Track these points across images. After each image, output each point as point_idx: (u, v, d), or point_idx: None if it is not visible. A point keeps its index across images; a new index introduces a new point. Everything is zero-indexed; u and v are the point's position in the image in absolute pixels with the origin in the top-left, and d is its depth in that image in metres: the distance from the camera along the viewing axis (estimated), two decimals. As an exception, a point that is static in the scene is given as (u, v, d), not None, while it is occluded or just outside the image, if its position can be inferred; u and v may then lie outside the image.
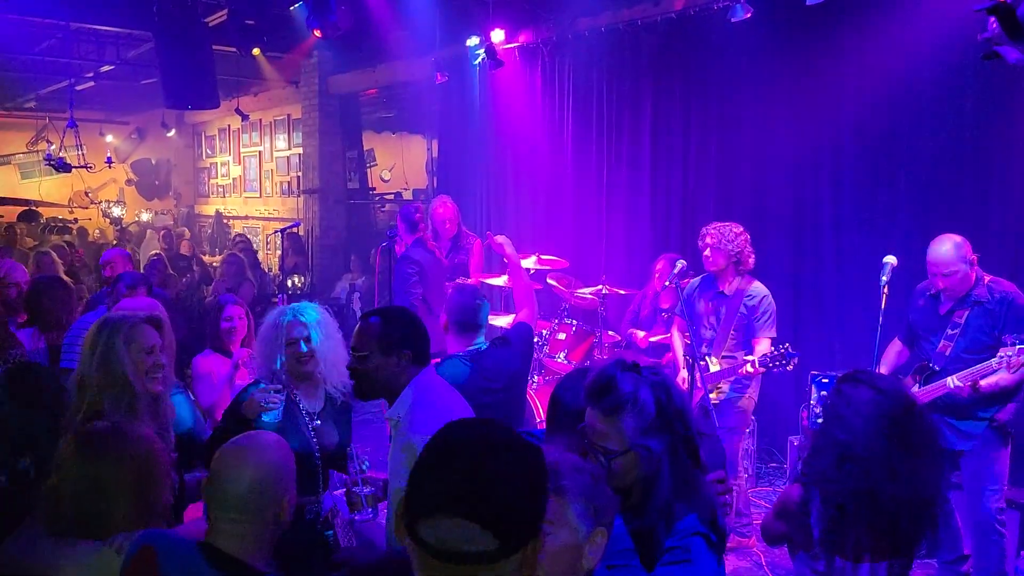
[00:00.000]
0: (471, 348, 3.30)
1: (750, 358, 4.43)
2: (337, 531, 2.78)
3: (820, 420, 2.29)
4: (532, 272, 6.50)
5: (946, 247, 3.87)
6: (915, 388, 3.85)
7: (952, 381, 3.77)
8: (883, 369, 4.21)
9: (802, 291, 6.01)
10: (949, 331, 3.88)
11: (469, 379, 3.18)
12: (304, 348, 2.97)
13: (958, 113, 5.13)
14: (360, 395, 2.65)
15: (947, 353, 3.87)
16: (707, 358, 4.56)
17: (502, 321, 5.62)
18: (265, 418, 2.83)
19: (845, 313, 5.70)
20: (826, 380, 2.63)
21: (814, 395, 2.59)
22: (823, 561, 2.24)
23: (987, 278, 3.91)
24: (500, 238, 4.12)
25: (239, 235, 12.18)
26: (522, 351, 3.51)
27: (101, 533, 1.94)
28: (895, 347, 4.29)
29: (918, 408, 2.26)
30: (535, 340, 4.72)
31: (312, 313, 3.05)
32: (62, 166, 10.05)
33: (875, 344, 3.98)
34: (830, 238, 5.86)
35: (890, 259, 4.06)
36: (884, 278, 3.98)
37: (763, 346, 4.51)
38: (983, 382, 3.69)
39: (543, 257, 6.48)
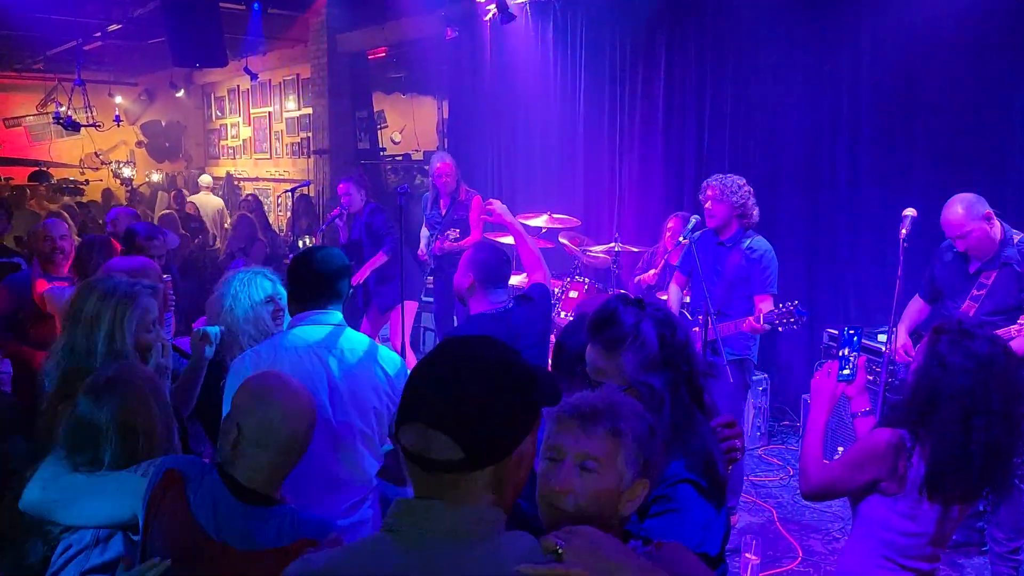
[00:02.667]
0: (498, 307, 3.23)
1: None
2: None
3: (931, 369, 2.27)
4: (544, 231, 6.45)
5: (956, 208, 3.77)
6: None
7: None
8: (902, 327, 4.14)
9: (817, 249, 5.93)
10: (975, 292, 3.79)
11: (500, 338, 3.13)
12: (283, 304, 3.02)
13: (979, 65, 4.98)
14: None
15: (971, 313, 3.79)
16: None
17: (514, 280, 5.58)
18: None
19: (860, 271, 5.62)
20: (853, 332, 2.56)
21: (846, 352, 2.52)
22: (908, 503, 2.27)
23: (1017, 237, 3.80)
24: (496, 205, 3.93)
25: (249, 195, 12.13)
26: (544, 309, 3.45)
27: (121, 466, 1.99)
28: (916, 304, 4.22)
29: (1016, 360, 2.32)
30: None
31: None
32: (71, 125, 10.03)
33: (893, 300, 3.89)
34: (846, 195, 5.76)
35: (910, 211, 3.94)
36: (903, 231, 3.87)
37: (767, 303, 4.27)
38: None
39: (555, 215, 6.43)
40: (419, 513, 1.25)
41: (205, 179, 13.01)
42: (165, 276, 3.81)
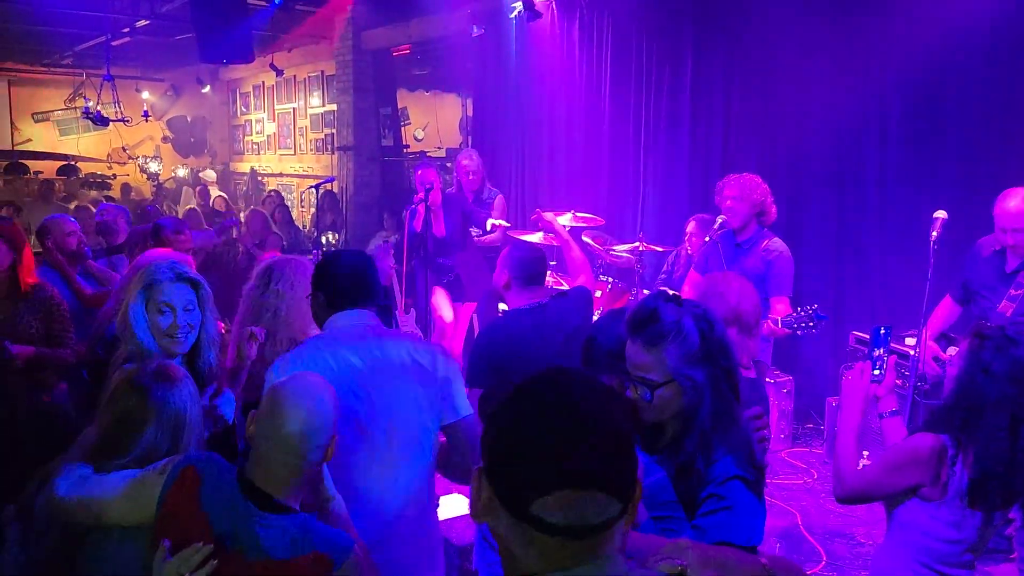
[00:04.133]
0: (533, 303, 3.25)
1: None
2: None
3: (976, 375, 2.25)
4: (568, 229, 6.43)
5: (1015, 202, 3.71)
6: None
7: None
8: (931, 329, 4.09)
9: (845, 250, 5.86)
10: (1013, 291, 3.74)
11: (531, 331, 3.16)
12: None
13: (1011, 65, 4.91)
14: None
15: (1008, 314, 3.73)
16: None
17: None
18: None
19: (889, 272, 5.56)
20: (884, 331, 2.53)
21: (879, 350, 2.49)
22: (951, 510, 2.25)
23: None
24: (548, 215, 4.02)
25: (272, 191, 12.20)
26: (579, 306, 3.45)
27: (141, 462, 1.98)
28: (945, 306, 4.16)
29: None
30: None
31: None
32: (99, 119, 10.14)
33: (923, 302, 3.85)
34: (874, 196, 5.69)
35: (940, 213, 3.91)
36: (934, 233, 3.83)
37: (782, 305, 4.27)
38: None
39: (579, 214, 6.41)
40: None
41: (209, 174, 13.10)
42: None
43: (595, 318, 5.81)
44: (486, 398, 2.87)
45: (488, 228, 6.37)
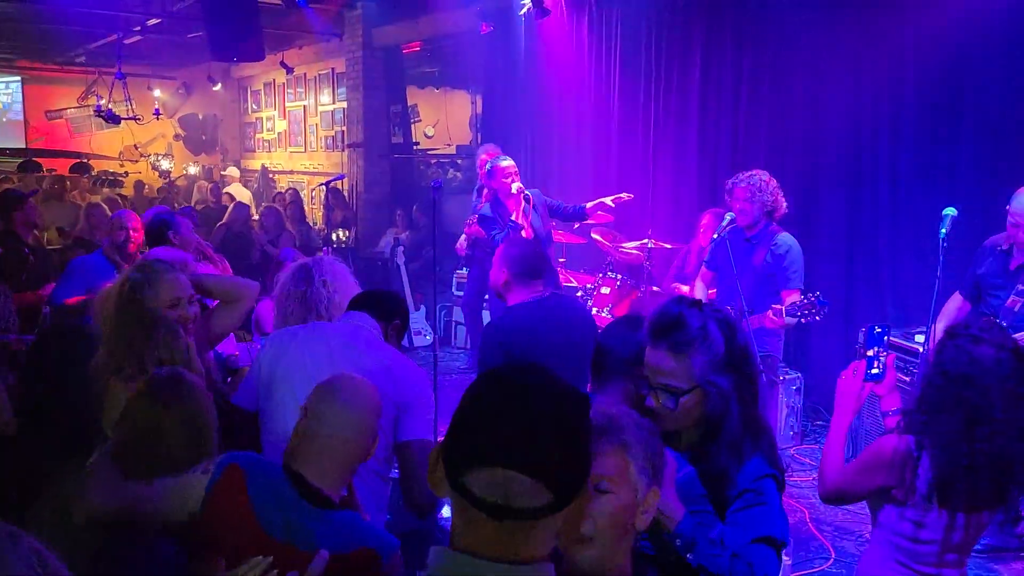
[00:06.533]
0: (537, 296, 3.23)
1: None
2: None
3: (935, 377, 2.22)
4: (577, 226, 6.44)
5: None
6: None
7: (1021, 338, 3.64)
8: (940, 325, 4.07)
9: (856, 247, 5.83)
10: (1020, 287, 3.73)
11: (532, 326, 3.13)
12: None
13: (1028, 61, 4.88)
14: None
15: (1016, 309, 3.72)
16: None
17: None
18: None
19: (900, 269, 5.53)
20: (880, 330, 2.51)
21: (874, 351, 2.48)
22: (917, 512, 2.22)
23: None
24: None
25: (289, 190, 12.24)
26: (576, 300, 3.45)
27: (170, 471, 1.97)
28: (955, 302, 4.15)
29: None
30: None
31: None
32: (112, 117, 10.20)
33: (932, 299, 3.83)
34: (886, 193, 5.66)
35: (950, 211, 3.88)
36: (943, 230, 3.81)
37: (794, 297, 4.24)
38: None
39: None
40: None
41: (233, 171, 13.13)
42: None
43: (601, 314, 5.86)
44: None
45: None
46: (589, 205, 5.87)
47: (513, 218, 5.48)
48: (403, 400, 2.48)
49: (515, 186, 5.51)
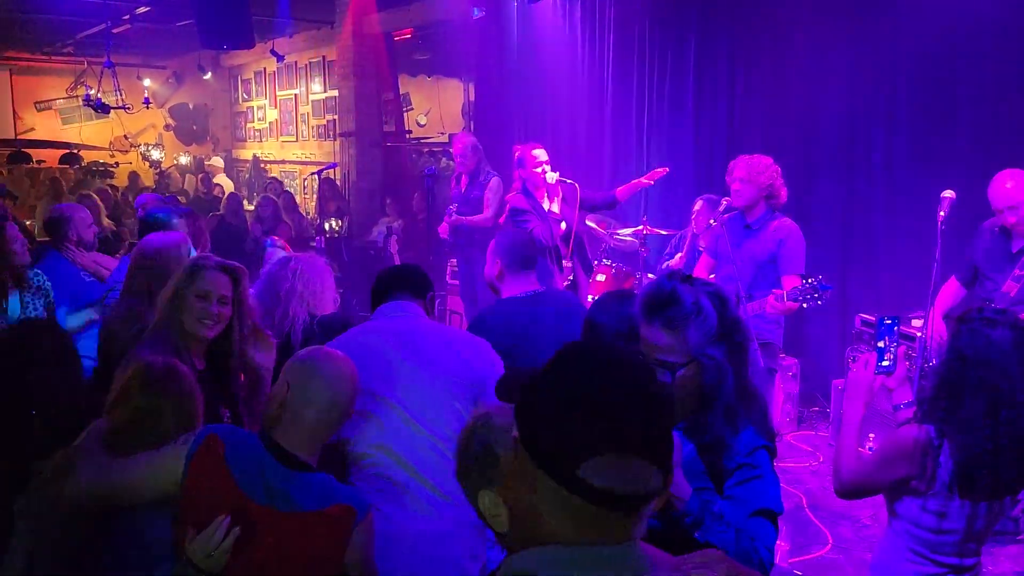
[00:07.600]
0: (529, 292, 3.17)
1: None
2: None
3: (952, 362, 2.21)
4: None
5: (1009, 183, 3.69)
6: None
7: None
8: (936, 311, 4.06)
9: (852, 233, 5.82)
10: (1017, 271, 3.70)
11: (529, 321, 3.06)
12: None
13: (1022, 47, 4.84)
14: None
15: (1012, 294, 3.70)
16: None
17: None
18: None
19: (896, 255, 5.51)
20: (890, 321, 2.48)
21: (884, 343, 2.44)
22: (939, 501, 2.21)
23: None
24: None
25: (272, 178, 12.17)
26: (572, 296, 3.41)
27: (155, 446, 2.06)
28: (951, 287, 4.13)
29: None
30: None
31: None
32: (101, 107, 10.11)
33: (929, 284, 3.82)
34: (881, 178, 5.64)
35: (948, 193, 3.87)
36: (941, 213, 3.79)
37: (793, 283, 4.14)
38: None
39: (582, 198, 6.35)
40: (618, 561, 1.04)
41: (217, 161, 13.01)
42: None
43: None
44: (502, 382, 2.82)
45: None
46: (620, 189, 5.80)
47: (546, 207, 5.44)
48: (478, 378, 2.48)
49: (551, 176, 5.45)
